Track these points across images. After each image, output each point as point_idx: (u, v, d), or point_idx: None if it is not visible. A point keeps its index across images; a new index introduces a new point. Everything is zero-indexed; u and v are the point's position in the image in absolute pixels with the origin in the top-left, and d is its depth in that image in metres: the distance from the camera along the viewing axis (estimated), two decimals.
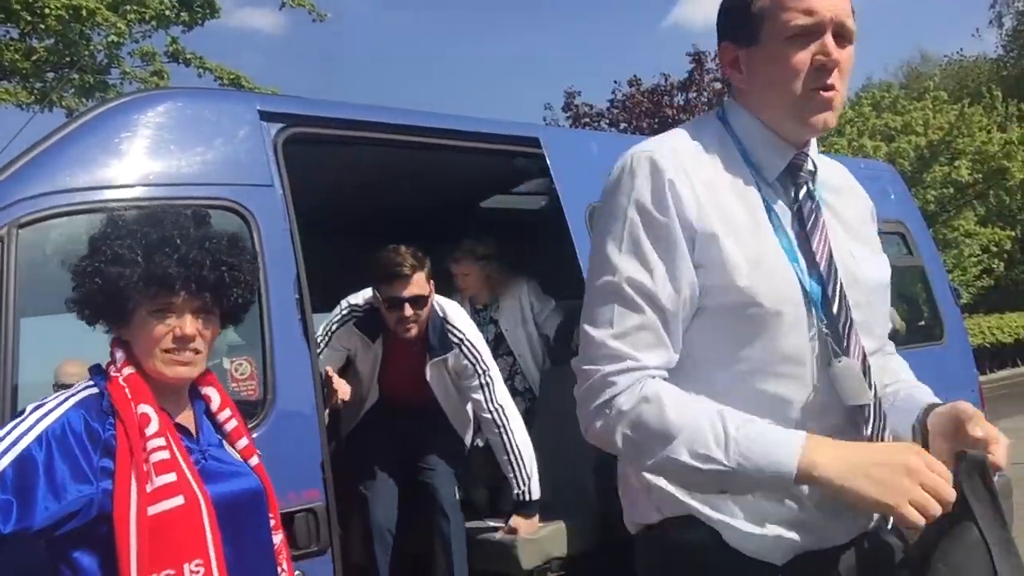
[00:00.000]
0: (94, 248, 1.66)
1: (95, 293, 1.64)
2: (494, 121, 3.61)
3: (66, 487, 1.50)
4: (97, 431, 1.56)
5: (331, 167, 3.58)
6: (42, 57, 8.79)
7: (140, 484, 1.53)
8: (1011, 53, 41.34)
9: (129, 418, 1.57)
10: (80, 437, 1.54)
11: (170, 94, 2.91)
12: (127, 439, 1.55)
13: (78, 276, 1.66)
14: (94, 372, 1.68)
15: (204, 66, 9.59)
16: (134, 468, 1.54)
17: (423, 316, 3.38)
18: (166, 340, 1.65)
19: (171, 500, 1.55)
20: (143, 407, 1.59)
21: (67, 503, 1.50)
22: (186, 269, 1.64)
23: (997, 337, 24.15)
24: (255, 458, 1.78)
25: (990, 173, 26.83)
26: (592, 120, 19.71)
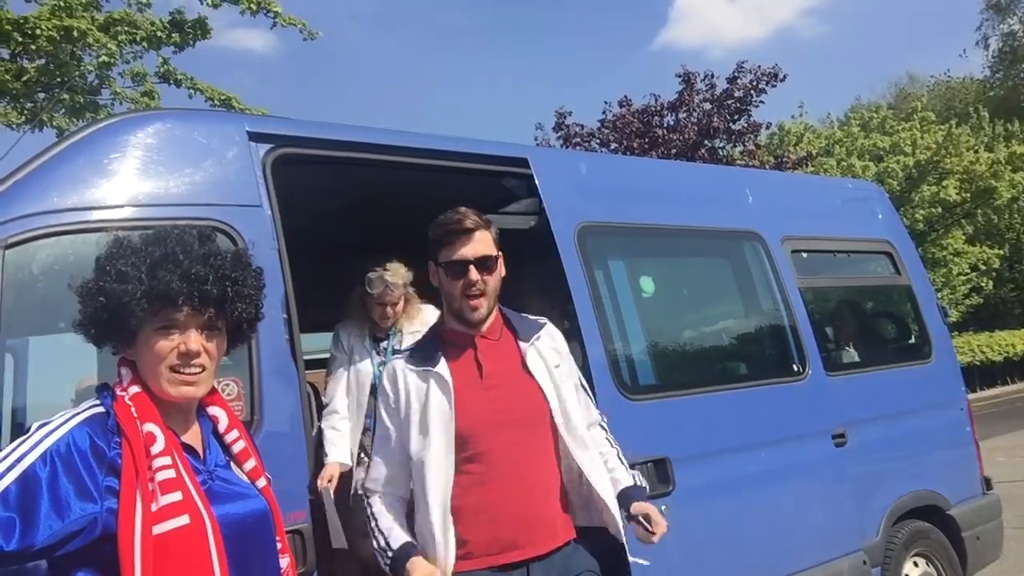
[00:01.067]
0: (100, 268, 1.65)
1: (100, 312, 1.63)
2: (483, 142, 3.63)
3: (70, 505, 1.49)
4: (102, 449, 1.55)
5: (320, 188, 3.58)
6: (32, 77, 8.77)
7: (145, 503, 1.52)
8: (997, 74, 41.83)
9: (134, 437, 1.56)
10: (85, 455, 1.53)
11: (159, 115, 2.92)
12: (132, 458, 1.54)
13: (84, 296, 1.65)
14: (100, 391, 1.67)
15: (195, 87, 9.60)
16: (139, 487, 1.53)
17: (492, 286, 2.43)
18: (171, 357, 1.63)
19: (176, 519, 1.53)
20: (148, 426, 1.58)
21: (71, 522, 1.49)
22: (188, 284, 1.63)
23: (986, 355, 24.26)
24: (263, 480, 1.76)
25: (978, 192, 27.08)
26: (583, 140, 19.78)
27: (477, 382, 2.36)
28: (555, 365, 2.44)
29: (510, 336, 2.47)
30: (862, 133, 28.45)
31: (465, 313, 2.38)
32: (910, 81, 44.71)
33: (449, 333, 2.46)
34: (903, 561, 4.28)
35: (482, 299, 2.38)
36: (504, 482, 2.27)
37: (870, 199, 5.17)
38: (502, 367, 2.40)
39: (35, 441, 1.53)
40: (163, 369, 1.63)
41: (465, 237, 2.44)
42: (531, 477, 2.30)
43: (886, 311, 5.41)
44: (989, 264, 28.72)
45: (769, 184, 5.00)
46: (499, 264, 2.44)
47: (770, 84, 19.79)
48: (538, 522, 2.30)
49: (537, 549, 2.28)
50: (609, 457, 2.55)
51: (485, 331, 2.42)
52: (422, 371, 2.37)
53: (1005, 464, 9.31)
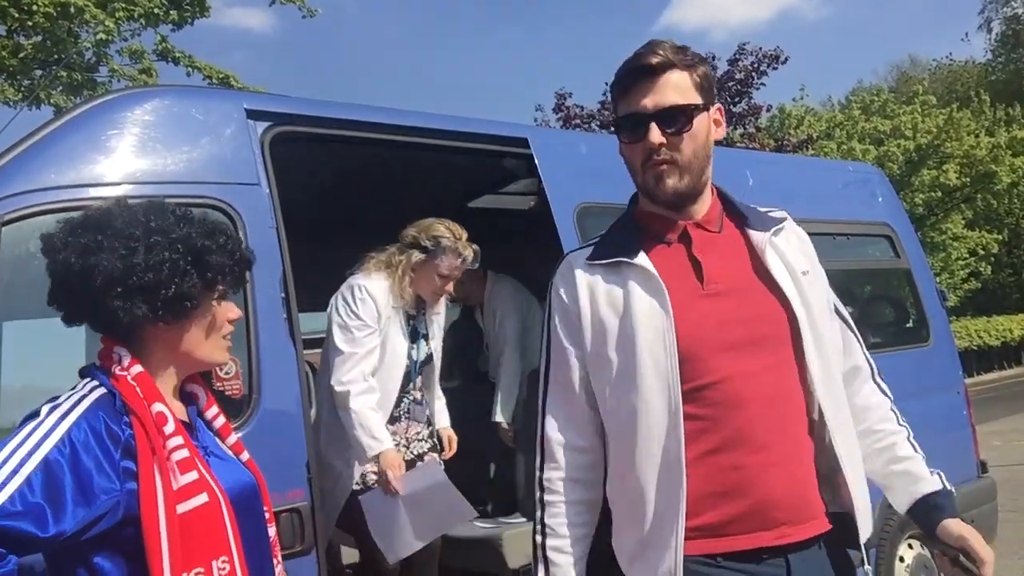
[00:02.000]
0: (168, 242, 1.60)
1: (192, 285, 1.61)
2: (483, 121, 3.61)
3: (94, 490, 1.48)
4: (117, 432, 1.53)
5: (318, 166, 3.57)
6: (29, 54, 8.73)
7: (166, 483, 1.52)
8: (999, 58, 41.65)
9: (147, 417, 1.55)
10: (102, 438, 1.51)
11: (157, 92, 2.90)
12: (147, 438, 1.54)
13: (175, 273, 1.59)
14: (92, 372, 1.63)
15: (193, 65, 9.55)
16: (158, 467, 1.53)
17: (690, 151, 1.74)
18: (227, 325, 1.72)
19: (197, 498, 1.54)
20: (157, 406, 1.57)
21: (97, 506, 1.48)
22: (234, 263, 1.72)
23: (984, 340, 24.31)
24: (245, 453, 1.79)
25: (978, 177, 27.02)
26: (583, 121, 19.69)
27: (695, 286, 1.67)
28: (803, 272, 1.74)
29: (735, 228, 1.79)
30: (863, 116, 28.34)
31: (650, 187, 1.73)
32: (912, 64, 44.55)
33: (647, 218, 1.78)
34: (898, 543, 4.30)
35: (670, 167, 1.69)
36: (745, 430, 1.58)
37: (871, 182, 5.16)
38: (729, 267, 1.71)
39: (51, 425, 1.51)
40: (218, 337, 1.71)
41: (647, 81, 1.69)
42: (780, 424, 1.60)
43: (885, 294, 5.41)
44: (988, 249, 28.73)
45: (769, 166, 4.98)
46: (703, 119, 1.72)
47: (771, 66, 19.71)
48: (797, 490, 1.61)
49: (799, 532, 1.62)
50: (896, 440, 1.88)
51: (701, 218, 1.76)
52: (615, 265, 1.70)
53: (1001, 448, 9.35)
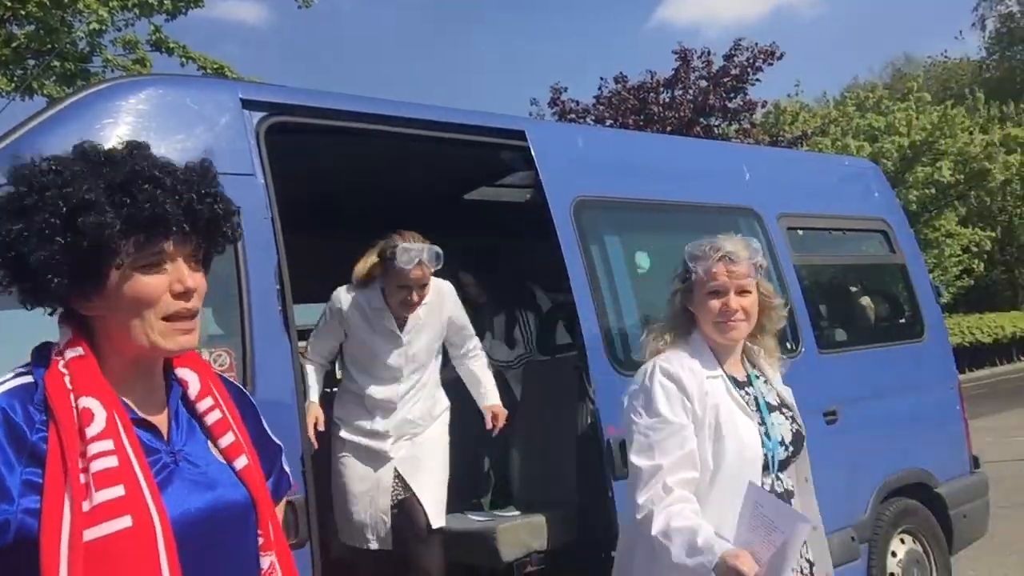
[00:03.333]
0: (45, 201, 1.24)
1: (62, 256, 1.23)
2: (480, 113, 3.59)
3: None
4: (22, 432, 1.21)
5: (314, 157, 3.55)
6: (22, 44, 8.67)
7: (75, 501, 1.18)
8: (993, 55, 41.73)
9: (64, 415, 1.22)
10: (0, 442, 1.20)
11: (152, 81, 2.88)
12: (60, 442, 1.20)
13: (33, 239, 1.23)
14: (35, 356, 1.31)
15: (187, 55, 9.51)
16: (67, 480, 1.19)
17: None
18: (165, 301, 1.28)
19: (115, 521, 1.19)
20: (86, 400, 1.23)
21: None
22: (176, 205, 1.28)
23: (976, 337, 24.39)
24: (243, 459, 1.39)
25: (972, 174, 27.08)
26: (578, 116, 19.68)
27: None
28: None
29: None
30: (857, 113, 28.38)
31: None
32: (906, 61, 44.59)
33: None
34: (890, 538, 4.31)
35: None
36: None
37: (866, 177, 5.16)
38: None
39: None
40: (153, 319, 1.28)
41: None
42: None
43: (879, 289, 5.42)
44: (981, 246, 28.82)
45: (766, 160, 4.98)
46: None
47: (767, 62, 19.72)
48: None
49: None
50: None
51: None
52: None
53: (993, 444, 9.38)
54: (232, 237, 1.41)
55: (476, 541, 3.52)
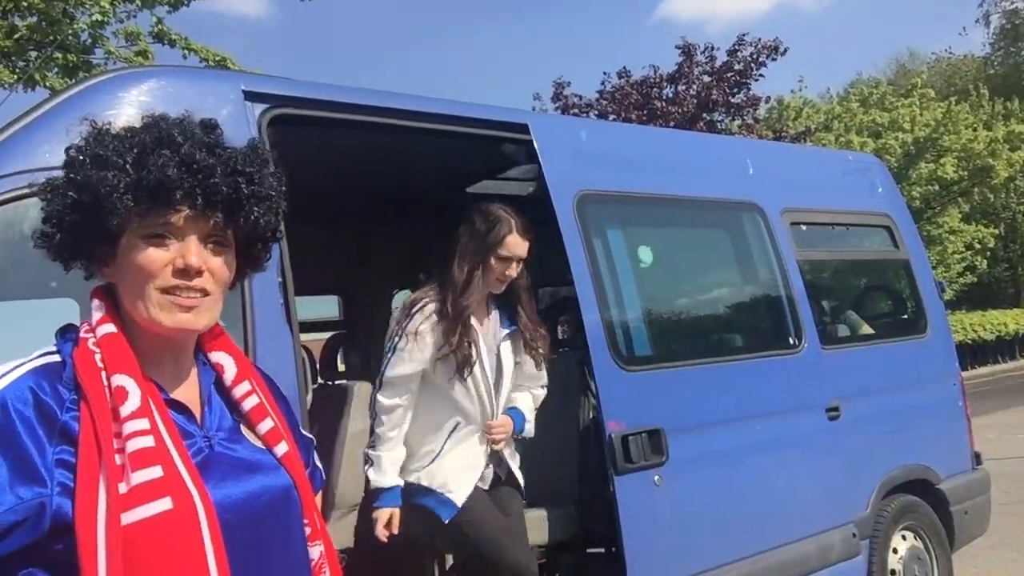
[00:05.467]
0: (70, 159, 1.24)
1: (68, 210, 1.21)
2: (484, 106, 3.58)
3: (5, 489, 1.09)
4: (52, 411, 1.15)
5: (317, 149, 3.54)
6: (24, 35, 8.64)
7: (110, 483, 1.11)
8: (998, 52, 41.61)
9: (96, 393, 1.15)
10: (29, 421, 1.12)
11: (154, 72, 2.87)
12: (92, 421, 1.14)
13: (48, 192, 1.23)
14: (62, 333, 1.26)
15: (189, 47, 9.48)
16: (102, 461, 1.12)
17: None
18: (164, 274, 1.20)
19: (154, 504, 1.12)
20: (119, 378, 1.17)
21: (6, 511, 1.09)
22: (190, 175, 1.21)
23: (979, 334, 24.35)
24: (283, 445, 1.32)
25: (975, 171, 27.02)
26: (581, 111, 19.64)
27: None
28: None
29: None
30: (861, 109, 28.30)
31: None
32: (911, 57, 44.48)
33: None
34: (892, 535, 4.31)
35: None
36: None
37: (870, 172, 5.14)
38: None
39: None
40: (151, 290, 1.21)
41: None
42: None
43: (883, 285, 5.40)
44: (984, 243, 28.77)
45: (770, 155, 4.96)
46: None
47: (771, 57, 19.66)
48: None
49: None
50: None
51: None
52: None
53: (995, 441, 9.38)
54: (264, 227, 1.31)
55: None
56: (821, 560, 3.89)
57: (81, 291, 2.85)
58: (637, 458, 3.24)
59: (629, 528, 3.18)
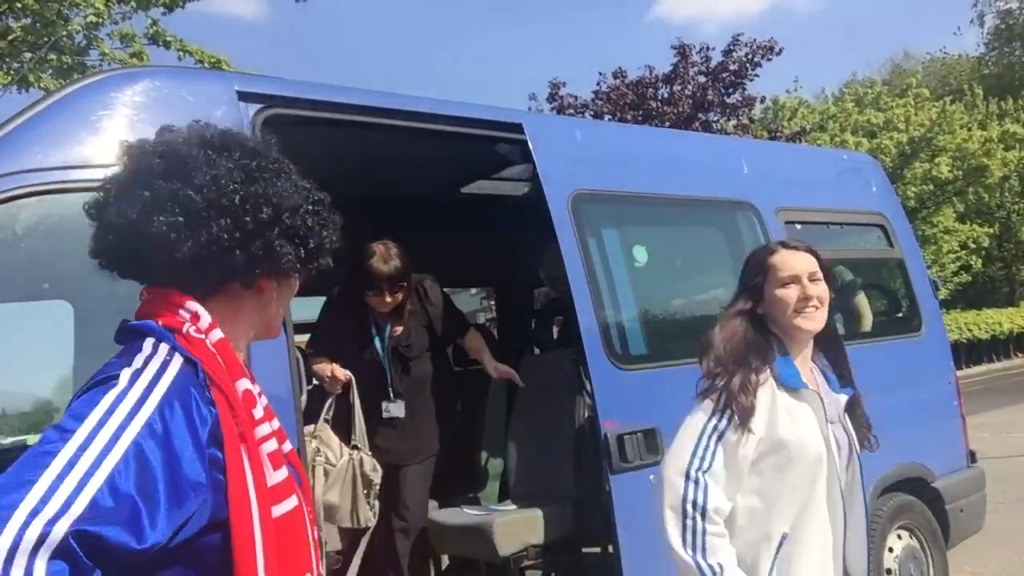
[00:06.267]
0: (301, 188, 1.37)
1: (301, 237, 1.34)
2: (478, 106, 3.57)
3: (183, 485, 1.12)
4: (205, 412, 1.18)
5: (311, 149, 3.52)
6: (18, 36, 8.63)
7: (256, 480, 1.19)
8: (992, 52, 41.70)
9: (234, 397, 1.22)
10: (192, 419, 1.16)
11: (148, 72, 2.86)
12: (234, 422, 1.20)
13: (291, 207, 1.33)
14: (153, 330, 1.24)
15: (184, 49, 9.47)
16: (248, 458, 1.19)
17: None
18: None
19: (288, 501, 1.23)
20: (243, 383, 1.25)
21: (187, 507, 1.12)
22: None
23: (973, 333, 24.42)
24: (288, 444, 1.38)
25: (970, 170, 27.08)
26: (577, 111, 19.65)
27: None
28: None
29: None
30: (856, 109, 28.36)
31: None
32: (905, 57, 44.57)
33: None
34: (887, 533, 4.31)
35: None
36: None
37: (865, 171, 5.15)
38: None
39: (138, 398, 1.14)
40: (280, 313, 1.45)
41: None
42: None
43: (877, 284, 5.41)
44: (979, 242, 28.83)
45: (764, 154, 4.97)
46: None
47: (766, 58, 19.68)
48: None
49: None
50: None
51: None
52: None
53: (990, 440, 9.40)
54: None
55: (473, 535, 3.51)
56: None
57: (73, 293, 2.85)
58: (633, 457, 3.24)
59: (624, 527, 3.18)
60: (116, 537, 1.03)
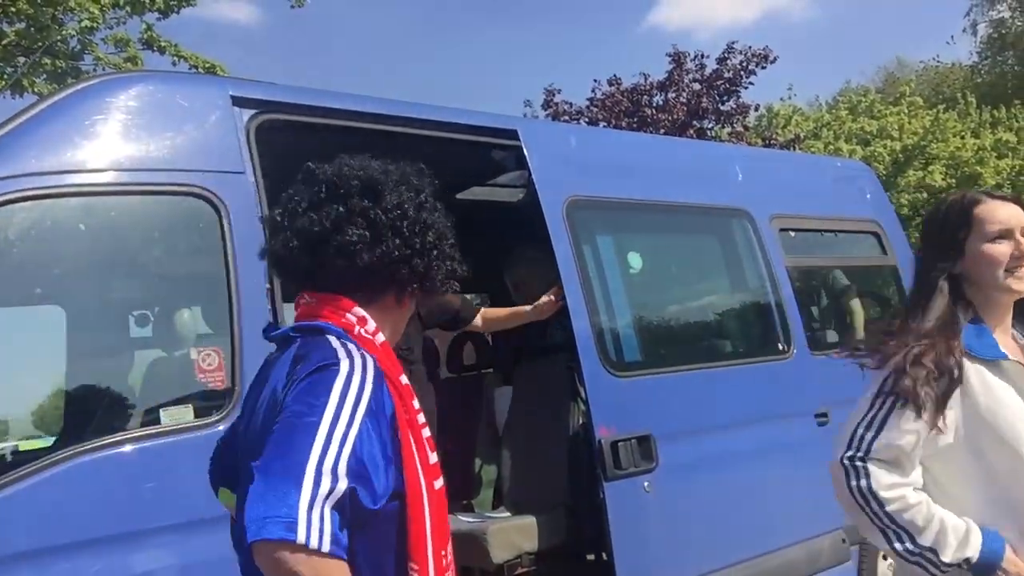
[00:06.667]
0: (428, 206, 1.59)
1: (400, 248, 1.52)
2: (473, 112, 3.58)
3: (387, 458, 1.37)
4: (386, 399, 1.43)
5: (305, 155, 3.52)
6: (12, 41, 8.60)
7: (422, 459, 1.43)
8: (985, 60, 41.91)
9: (403, 388, 1.46)
10: (384, 405, 1.40)
11: (141, 77, 2.87)
12: (403, 409, 1.44)
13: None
14: (330, 329, 1.46)
15: (179, 54, 9.44)
16: (414, 440, 1.44)
17: None
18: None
19: (439, 480, 1.47)
20: (403, 378, 1.49)
21: (389, 477, 1.36)
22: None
23: None
24: (427, 430, 1.66)
25: (963, 178, 27.12)
26: (572, 118, 19.66)
27: None
28: None
29: None
30: (850, 117, 28.45)
31: None
32: (899, 66, 44.74)
33: None
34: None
35: None
36: None
37: (859, 179, 5.17)
38: None
39: (360, 379, 1.37)
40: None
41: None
42: None
43: (871, 291, 5.42)
44: None
45: (759, 162, 4.98)
46: None
47: (760, 66, 19.74)
48: None
49: None
50: None
51: None
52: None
53: None
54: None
55: (467, 543, 3.50)
56: (810, 566, 3.90)
57: (66, 299, 2.84)
58: (627, 464, 3.24)
59: (619, 534, 3.18)
60: (362, 496, 1.30)
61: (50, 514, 2.19)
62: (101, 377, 2.73)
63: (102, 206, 2.55)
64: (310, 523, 1.23)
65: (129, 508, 2.29)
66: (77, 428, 2.51)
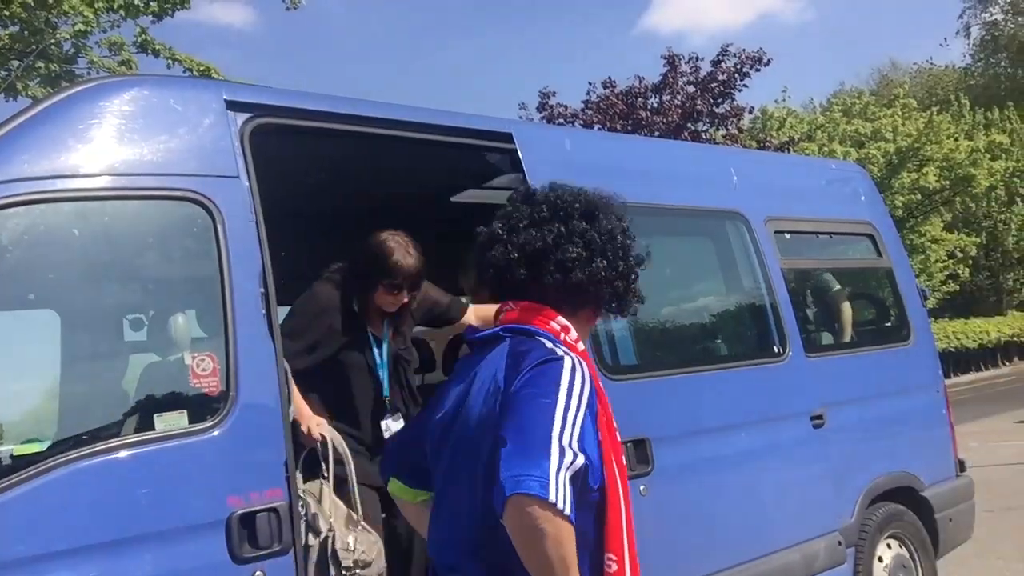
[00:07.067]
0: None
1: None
2: (468, 115, 3.57)
3: (596, 448, 1.56)
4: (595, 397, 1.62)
5: (300, 159, 3.52)
6: (6, 45, 8.60)
7: (618, 458, 1.61)
8: (978, 62, 42.09)
9: (602, 391, 1.64)
10: (592, 401, 1.58)
11: (135, 81, 2.85)
12: (603, 411, 1.62)
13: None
14: (542, 334, 1.67)
15: (174, 57, 9.45)
16: (610, 440, 1.62)
17: None
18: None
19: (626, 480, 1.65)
20: (600, 383, 1.68)
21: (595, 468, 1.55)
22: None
23: (961, 342, 24.50)
24: None
25: (957, 180, 27.24)
26: (567, 120, 19.70)
27: None
28: None
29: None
30: (844, 119, 28.53)
31: None
32: (893, 68, 44.89)
33: None
34: (877, 543, 4.31)
35: None
36: None
37: (853, 181, 5.18)
38: None
39: (581, 375, 1.55)
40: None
41: None
42: None
43: (866, 293, 5.43)
44: (966, 251, 28.99)
45: (753, 164, 4.99)
46: None
47: (754, 68, 19.80)
48: None
49: None
50: None
51: None
52: None
53: (978, 449, 9.42)
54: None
55: None
56: (806, 569, 3.89)
57: (60, 303, 2.82)
58: None
59: None
60: (588, 474, 1.49)
61: (43, 521, 2.17)
62: (95, 382, 2.72)
63: (96, 210, 2.54)
64: (558, 486, 1.39)
65: (123, 514, 2.28)
66: (71, 434, 2.49)
